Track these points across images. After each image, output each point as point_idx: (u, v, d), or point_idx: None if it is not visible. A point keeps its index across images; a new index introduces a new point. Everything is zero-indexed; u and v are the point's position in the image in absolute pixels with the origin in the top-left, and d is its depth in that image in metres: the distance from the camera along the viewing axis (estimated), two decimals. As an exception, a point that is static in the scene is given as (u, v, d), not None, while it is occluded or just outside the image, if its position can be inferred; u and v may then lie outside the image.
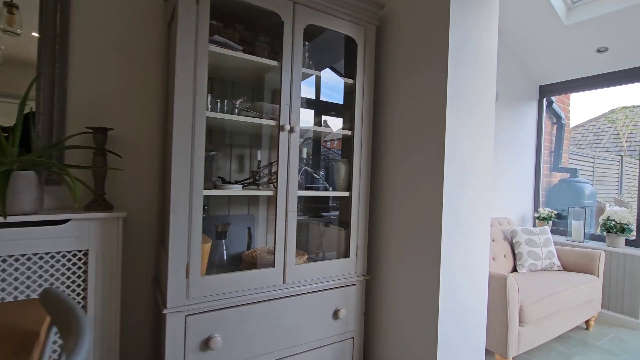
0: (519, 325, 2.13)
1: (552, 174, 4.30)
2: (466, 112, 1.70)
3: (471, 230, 1.73)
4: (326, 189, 1.96)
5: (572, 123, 4.60)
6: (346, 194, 1.92)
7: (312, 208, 2.23)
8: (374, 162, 2.03)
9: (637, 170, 6.75)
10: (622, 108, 10.08)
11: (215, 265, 1.74)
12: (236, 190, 1.61)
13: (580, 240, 3.38)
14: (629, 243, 3.17)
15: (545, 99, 3.92)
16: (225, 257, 1.81)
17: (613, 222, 3.14)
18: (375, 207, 2.02)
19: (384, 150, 1.98)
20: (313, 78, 1.89)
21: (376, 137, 2.03)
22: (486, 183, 1.80)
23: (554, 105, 4.10)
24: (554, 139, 4.29)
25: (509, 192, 3.59)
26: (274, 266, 1.63)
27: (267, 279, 1.61)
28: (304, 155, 1.97)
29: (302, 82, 1.68)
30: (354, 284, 1.91)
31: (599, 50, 3.13)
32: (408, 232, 1.79)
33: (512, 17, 3.09)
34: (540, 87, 3.86)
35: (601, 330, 2.84)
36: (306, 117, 1.80)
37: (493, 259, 2.88)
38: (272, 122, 1.68)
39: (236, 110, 1.70)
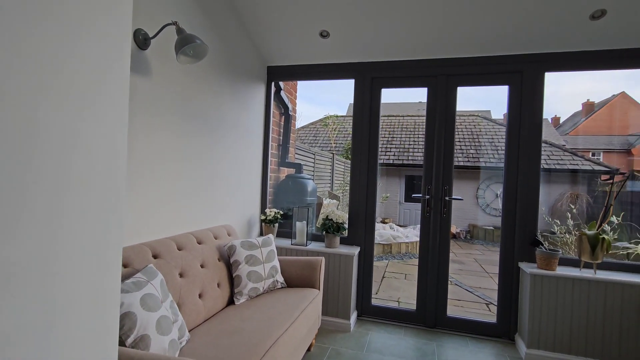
0: None
1: (280, 169, 3.99)
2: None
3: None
4: None
5: (297, 123, 4.57)
6: None
7: None
8: None
9: (342, 167, 8.17)
10: (331, 115, 12.46)
11: None
12: None
13: (303, 244, 3.06)
14: (343, 241, 3.10)
15: (273, 84, 3.44)
16: None
17: (331, 222, 2.96)
18: None
19: None
20: None
21: None
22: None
23: (282, 94, 3.73)
24: (282, 130, 3.97)
25: (233, 191, 2.81)
26: None
27: None
28: None
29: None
30: None
31: (321, 34, 2.82)
32: None
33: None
34: (269, 68, 3.34)
35: (320, 347, 2.51)
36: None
37: (200, 295, 1.92)
38: None
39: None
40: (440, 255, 2.89)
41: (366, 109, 3.05)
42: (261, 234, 3.31)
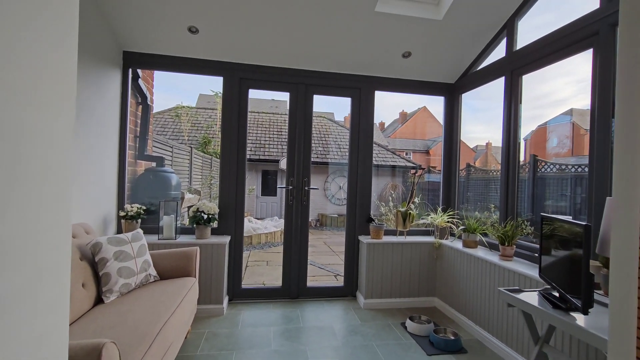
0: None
1: (138, 163, 3.72)
2: None
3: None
4: None
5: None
6: None
7: None
8: None
9: (201, 161, 7.91)
10: (183, 106, 11.69)
11: None
12: None
13: (172, 237, 3.03)
14: (213, 232, 3.23)
15: (130, 70, 3.20)
16: None
17: (202, 214, 3.05)
18: None
19: None
20: None
21: None
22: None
23: (140, 82, 3.50)
24: (139, 121, 3.70)
25: (85, 187, 2.54)
26: None
27: None
28: None
29: None
30: None
31: (190, 30, 2.85)
32: None
33: None
34: (126, 53, 3.10)
35: (196, 332, 2.62)
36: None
37: (66, 297, 1.77)
38: None
39: None
40: (301, 237, 3.40)
41: (235, 106, 3.25)
42: (119, 232, 3.07)
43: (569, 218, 1.75)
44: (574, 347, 1.88)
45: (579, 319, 1.46)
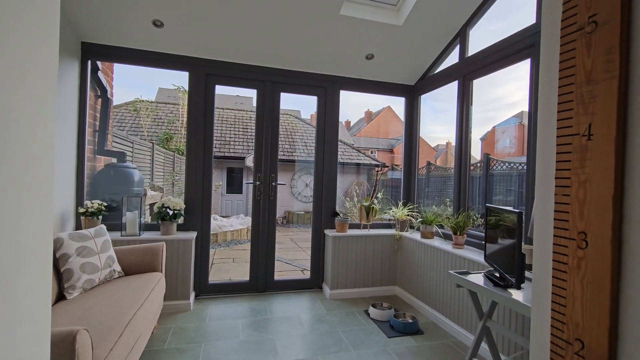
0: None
1: (97, 158, 3.59)
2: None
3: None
4: None
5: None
6: None
7: None
8: None
9: (163, 158, 7.67)
10: (142, 100, 11.20)
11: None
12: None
13: (136, 234, 2.98)
14: (179, 228, 3.21)
15: (90, 62, 3.10)
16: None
17: (168, 210, 3.02)
18: None
19: None
20: None
21: None
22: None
23: (100, 74, 3.39)
24: (98, 115, 3.58)
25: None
26: None
27: None
28: None
29: None
30: None
31: (155, 24, 2.82)
32: None
33: None
34: (85, 44, 2.99)
35: (163, 328, 2.62)
36: None
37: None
38: None
39: None
40: (269, 231, 3.47)
41: (201, 102, 3.25)
42: (78, 229, 2.97)
43: (509, 208, 1.98)
44: (513, 320, 2.13)
45: (515, 294, 1.68)
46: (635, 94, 0.92)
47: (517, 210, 1.65)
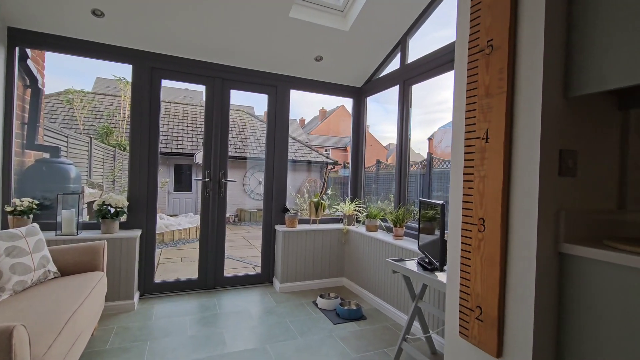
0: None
1: (26, 153, 3.32)
2: None
3: None
4: None
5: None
6: None
7: None
8: None
9: (102, 153, 7.17)
10: (75, 91, 10.29)
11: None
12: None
13: (73, 233, 2.82)
14: (122, 226, 3.09)
15: (17, 50, 2.86)
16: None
17: (109, 207, 2.90)
18: None
19: None
20: None
21: None
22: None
23: (29, 62, 3.13)
24: (27, 106, 3.30)
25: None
26: None
27: None
28: None
29: None
30: None
31: (94, 13, 2.68)
32: None
33: None
34: (11, 29, 2.75)
35: (104, 329, 2.52)
36: None
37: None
38: None
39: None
40: (218, 228, 3.46)
41: (146, 96, 3.15)
42: (4, 229, 2.74)
43: (437, 201, 2.22)
44: (440, 300, 2.40)
45: (440, 276, 1.91)
46: (518, 106, 1.14)
47: (441, 202, 1.88)
